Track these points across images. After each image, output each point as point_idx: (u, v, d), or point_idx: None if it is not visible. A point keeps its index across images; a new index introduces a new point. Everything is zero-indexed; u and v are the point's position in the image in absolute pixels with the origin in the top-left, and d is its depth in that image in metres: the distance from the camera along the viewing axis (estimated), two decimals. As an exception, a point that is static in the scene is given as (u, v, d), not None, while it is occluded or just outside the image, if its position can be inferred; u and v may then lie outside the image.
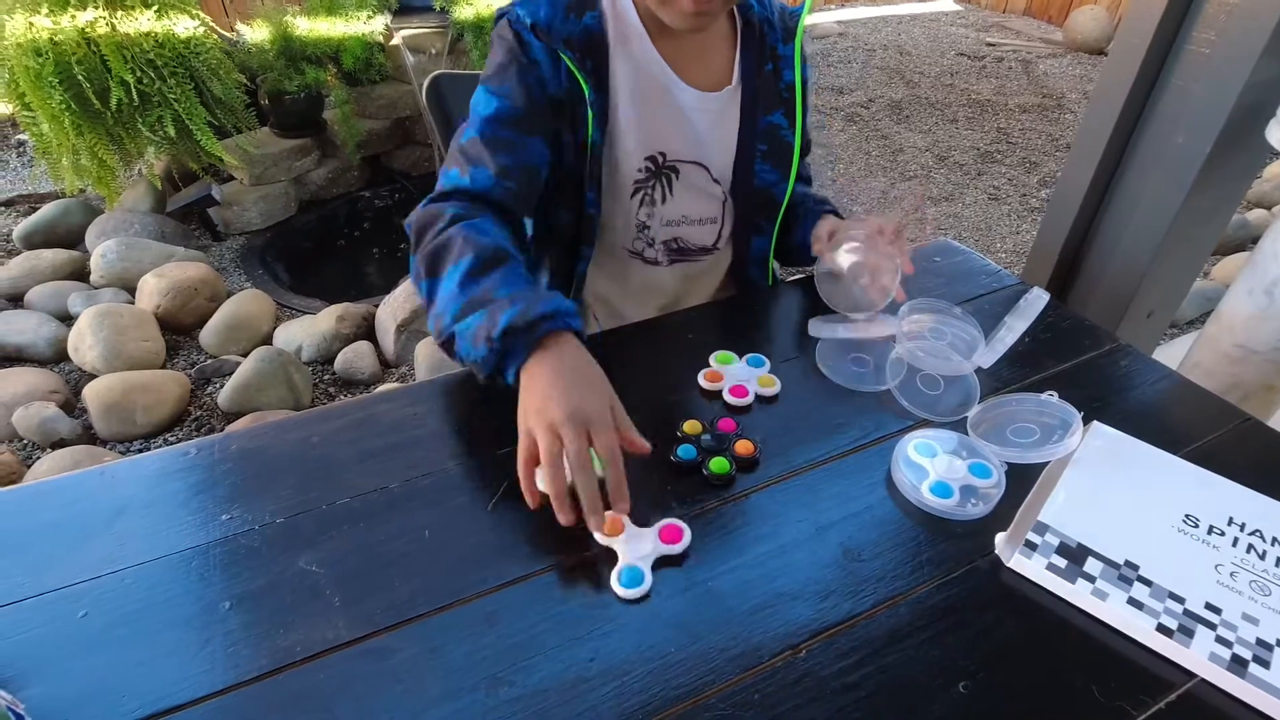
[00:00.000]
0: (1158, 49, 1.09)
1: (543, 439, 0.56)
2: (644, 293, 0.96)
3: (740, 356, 0.77)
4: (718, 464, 0.64)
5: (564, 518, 0.56)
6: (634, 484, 0.63)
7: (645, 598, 0.55)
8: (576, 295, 0.92)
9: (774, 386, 0.74)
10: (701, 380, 0.74)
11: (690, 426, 0.68)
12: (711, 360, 0.76)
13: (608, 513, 0.56)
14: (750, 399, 0.72)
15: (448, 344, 0.65)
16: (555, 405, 0.56)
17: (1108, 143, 1.17)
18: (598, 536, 0.57)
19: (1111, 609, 0.53)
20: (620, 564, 0.56)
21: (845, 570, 0.57)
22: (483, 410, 0.72)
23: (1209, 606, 0.52)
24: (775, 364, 0.77)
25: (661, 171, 0.85)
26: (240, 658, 0.50)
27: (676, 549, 0.57)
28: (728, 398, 0.72)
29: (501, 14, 0.78)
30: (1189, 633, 0.51)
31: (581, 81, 0.76)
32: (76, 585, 0.55)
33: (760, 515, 0.61)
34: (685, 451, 0.65)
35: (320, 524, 0.60)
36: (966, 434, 0.68)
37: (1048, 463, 0.65)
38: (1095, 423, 0.69)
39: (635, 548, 0.57)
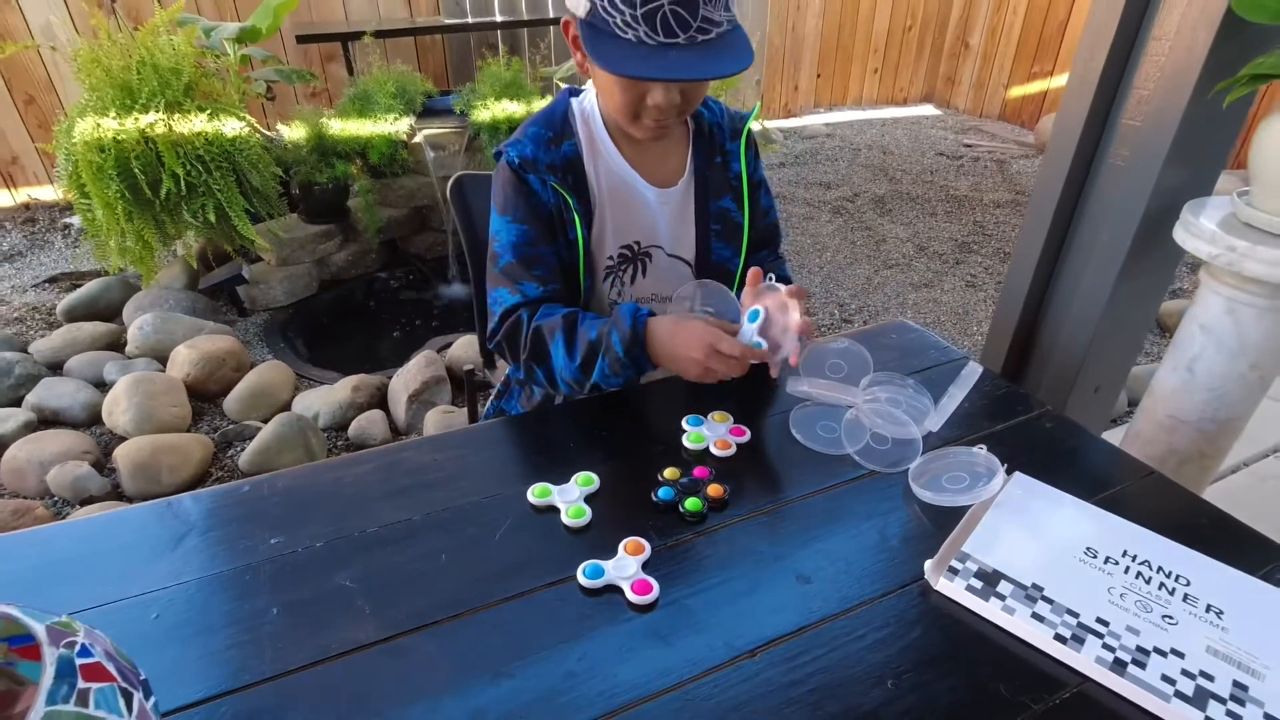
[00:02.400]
0: (1081, 160, 1.28)
1: (694, 374, 0.86)
2: None
3: (714, 416, 0.89)
4: (692, 504, 0.75)
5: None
6: (621, 520, 0.75)
7: (603, 591, 0.66)
8: None
9: (744, 437, 0.86)
10: (681, 435, 0.86)
11: (670, 472, 0.80)
12: (686, 421, 0.88)
13: (633, 539, 0.72)
14: (727, 451, 0.84)
15: (592, 390, 0.92)
16: (690, 352, 0.84)
17: (1046, 238, 1.33)
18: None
19: (1017, 622, 0.63)
20: (586, 562, 0.68)
21: (797, 591, 0.67)
22: (493, 459, 0.84)
23: (1099, 620, 0.62)
24: (746, 423, 0.89)
25: (637, 257, 1.02)
26: (286, 652, 0.60)
27: (647, 599, 0.65)
28: (710, 449, 0.84)
29: (498, 154, 0.96)
30: (1080, 640, 0.61)
31: (566, 196, 0.94)
32: (150, 593, 0.65)
33: (727, 546, 0.72)
34: (665, 493, 0.77)
35: (353, 548, 0.71)
36: (909, 483, 0.79)
37: (973, 504, 0.76)
38: (1017, 473, 0.80)
39: (621, 567, 0.67)
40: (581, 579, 0.67)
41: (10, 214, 3.24)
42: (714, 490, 0.77)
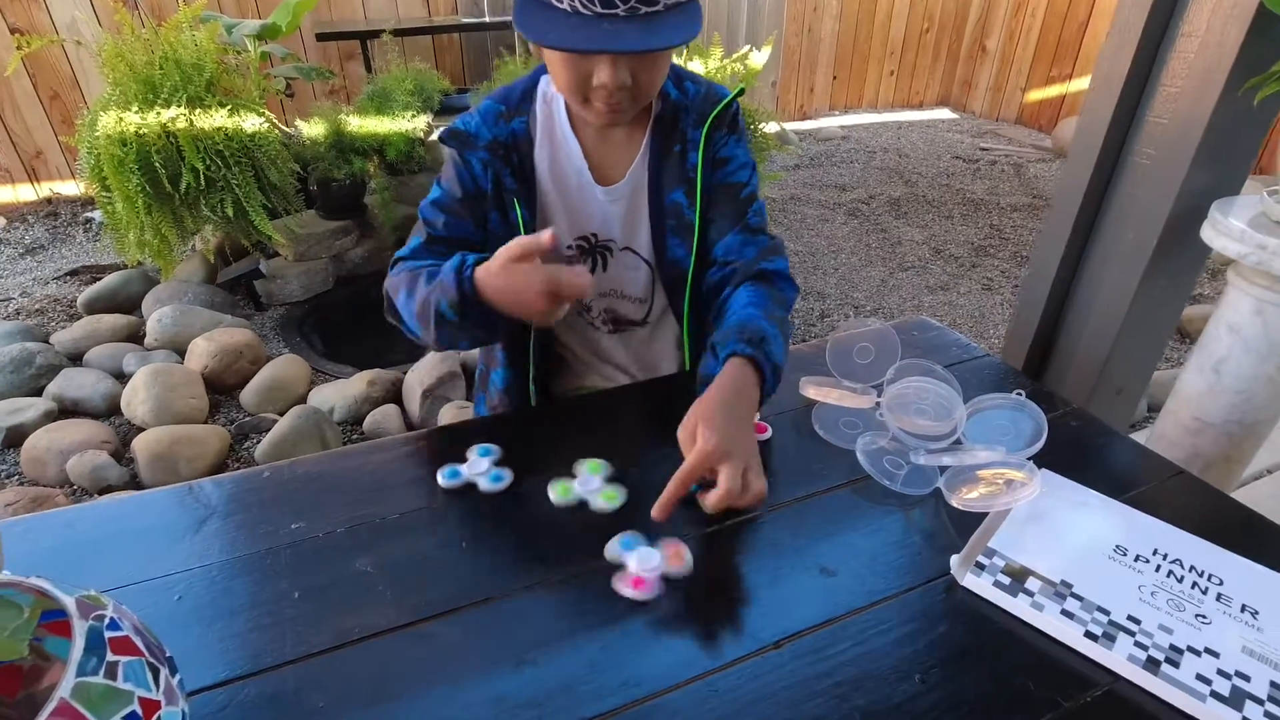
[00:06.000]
0: (1107, 158, 1.26)
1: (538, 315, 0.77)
2: (594, 356, 1.07)
3: (736, 408, 0.89)
4: (714, 495, 0.75)
5: None
6: (644, 513, 0.74)
7: (626, 566, 0.65)
8: (542, 348, 1.01)
9: (766, 434, 0.85)
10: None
11: (691, 464, 0.79)
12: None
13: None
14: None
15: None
16: (528, 295, 0.76)
17: (1069, 237, 1.32)
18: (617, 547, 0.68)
19: (1046, 619, 0.61)
20: (622, 534, 0.68)
21: (822, 584, 0.66)
22: (511, 445, 0.83)
23: (1130, 618, 0.61)
24: (770, 417, 0.88)
25: (595, 250, 0.96)
26: (307, 636, 0.60)
27: (680, 570, 0.66)
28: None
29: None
30: (1111, 638, 0.60)
31: (503, 175, 0.90)
32: (172, 575, 0.65)
33: (752, 538, 0.71)
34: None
35: (374, 533, 0.70)
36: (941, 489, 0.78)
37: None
38: (1045, 470, 0.79)
39: (645, 559, 0.67)
40: (614, 551, 0.66)
41: (34, 208, 3.28)
42: (735, 483, 0.76)
